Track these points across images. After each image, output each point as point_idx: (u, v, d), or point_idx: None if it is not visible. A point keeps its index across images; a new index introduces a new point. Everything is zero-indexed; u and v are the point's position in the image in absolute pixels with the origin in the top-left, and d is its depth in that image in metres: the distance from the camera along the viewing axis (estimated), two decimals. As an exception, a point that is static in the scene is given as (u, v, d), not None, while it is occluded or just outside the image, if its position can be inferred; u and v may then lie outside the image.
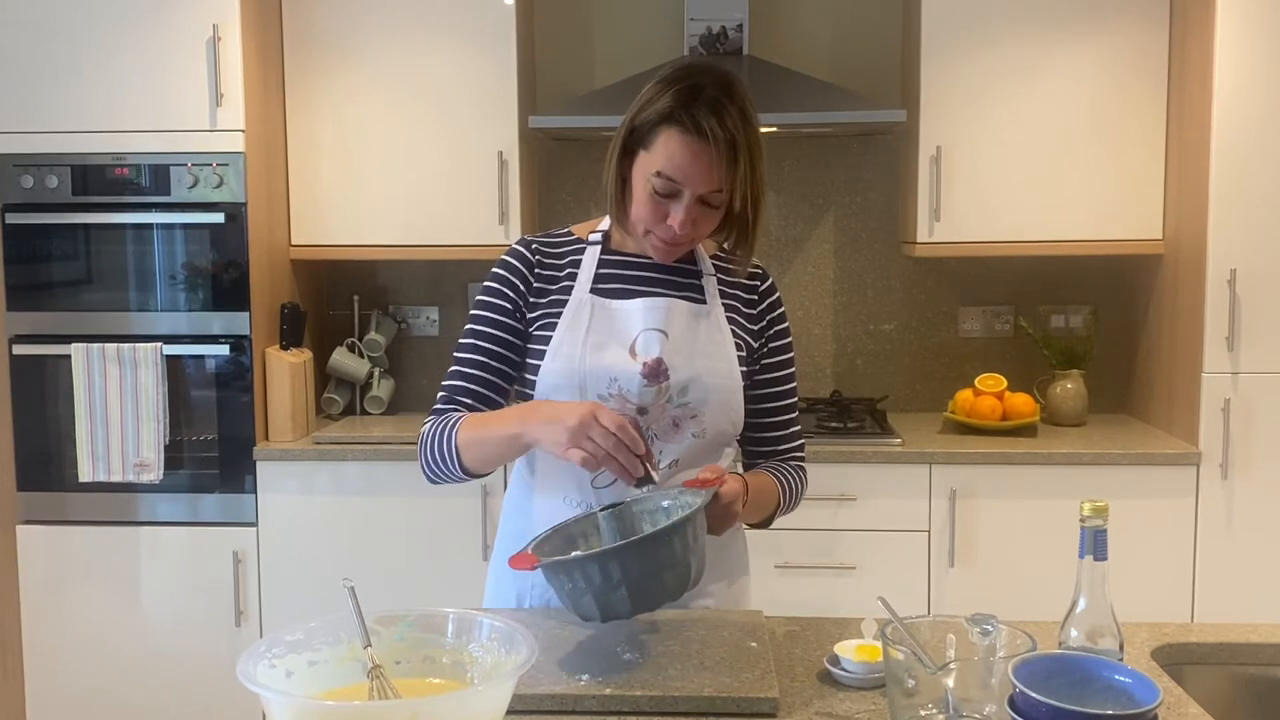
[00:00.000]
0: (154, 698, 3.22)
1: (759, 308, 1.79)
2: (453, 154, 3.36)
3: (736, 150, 1.60)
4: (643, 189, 1.64)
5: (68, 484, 3.23)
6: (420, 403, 3.74)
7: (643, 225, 1.66)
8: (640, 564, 1.38)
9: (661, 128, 1.60)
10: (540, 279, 1.72)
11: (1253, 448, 3.04)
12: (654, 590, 1.40)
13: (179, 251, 3.20)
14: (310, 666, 1.21)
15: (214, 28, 3.11)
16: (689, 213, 1.62)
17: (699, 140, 1.58)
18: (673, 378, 1.65)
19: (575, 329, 1.67)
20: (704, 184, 1.60)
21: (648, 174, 1.62)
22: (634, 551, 1.39)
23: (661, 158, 1.60)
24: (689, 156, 1.59)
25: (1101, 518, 1.26)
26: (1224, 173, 2.99)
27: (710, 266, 1.77)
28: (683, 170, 1.60)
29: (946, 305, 3.70)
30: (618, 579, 1.37)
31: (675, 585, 1.42)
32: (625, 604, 1.39)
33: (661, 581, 1.40)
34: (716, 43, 3.44)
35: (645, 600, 1.41)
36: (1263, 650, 1.59)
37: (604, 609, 1.40)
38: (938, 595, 3.12)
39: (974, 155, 3.29)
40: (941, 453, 3.10)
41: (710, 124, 1.57)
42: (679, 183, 1.61)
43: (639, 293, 1.71)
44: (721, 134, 1.58)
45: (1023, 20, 3.25)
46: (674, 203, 1.62)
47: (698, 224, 1.65)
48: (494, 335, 1.72)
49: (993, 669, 1.20)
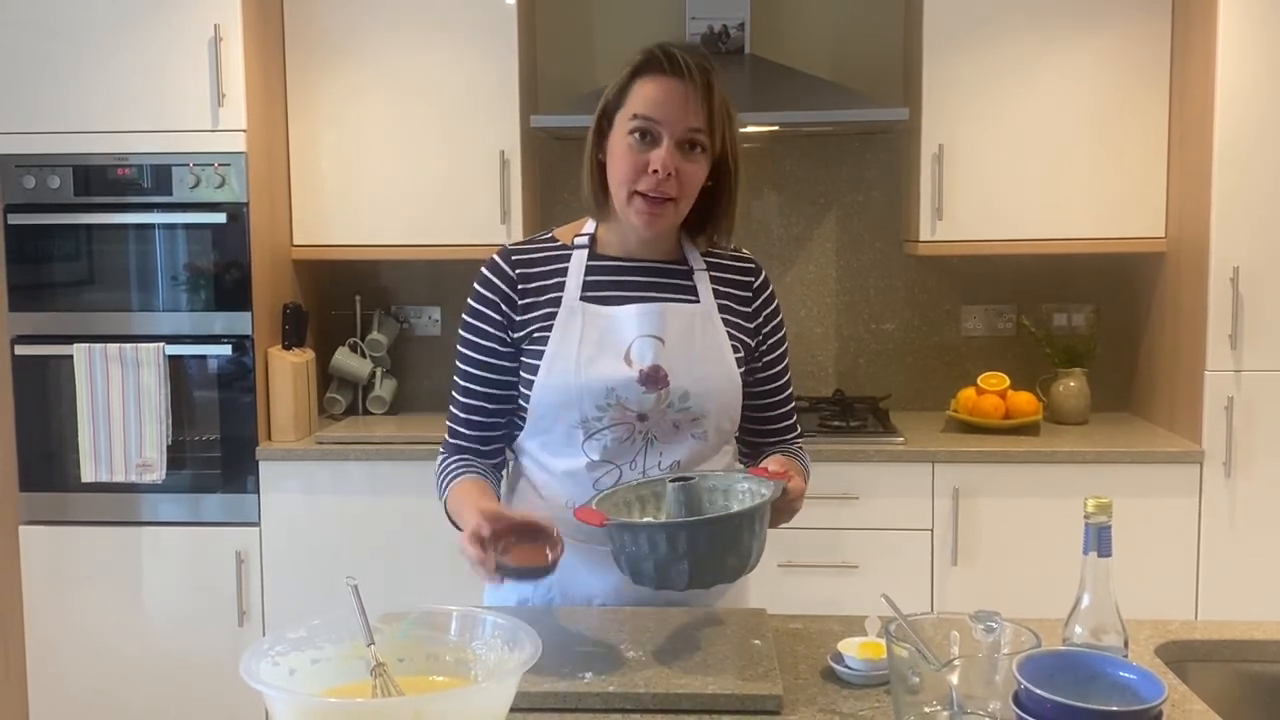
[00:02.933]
0: (157, 698, 3.22)
1: (754, 304, 1.77)
2: (454, 153, 3.36)
3: (712, 87, 1.59)
4: (621, 146, 1.61)
5: (70, 484, 3.23)
6: (423, 402, 3.74)
7: (624, 186, 1.61)
8: (709, 542, 1.40)
9: (635, 80, 1.61)
10: (525, 293, 1.69)
11: (1256, 445, 3.04)
12: (714, 569, 1.42)
13: (181, 252, 3.20)
14: (313, 664, 1.21)
15: (215, 28, 3.11)
16: (670, 154, 1.58)
17: (673, 77, 1.58)
18: (672, 383, 1.63)
19: (568, 340, 1.64)
20: (682, 120, 1.58)
21: (625, 126, 1.60)
22: (706, 529, 1.41)
23: (638, 102, 1.59)
24: (664, 92, 1.58)
25: (1105, 514, 1.26)
26: (1226, 170, 2.98)
27: (701, 263, 1.73)
28: (660, 107, 1.58)
29: (949, 304, 3.69)
30: (683, 551, 1.39)
31: (734, 568, 1.44)
32: (683, 577, 1.41)
33: (724, 562, 1.42)
34: (718, 41, 3.44)
35: (702, 577, 1.42)
36: (1267, 647, 1.59)
37: (660, 577, 1.42)
38: (941, 593, 3.12)
39: (976, 154, 3.29)
40: (944, 451, 3.10)
41: (684, 59, 1.58)
42: (657, 121, 1.58)
43: (631, 298, 1.68)
44: (696, 71, 1.58)
45: (1025, 18, 3.25)
46: (654, 150, 1.59)
47: (681, 174, 1.60)
48: (484, 362, 1.70)
49: (997, 666, 1.19)
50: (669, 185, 1.59)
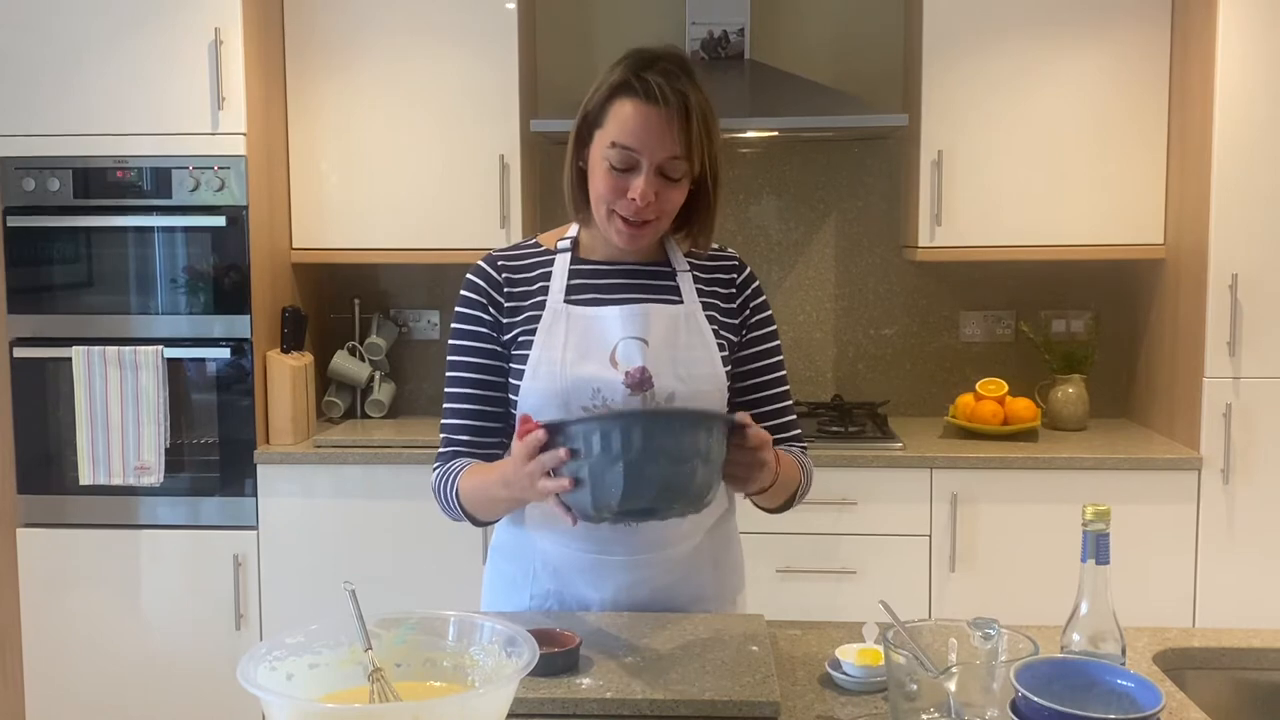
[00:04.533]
0: (154, 701, 3.22)
1: (738, 300, 1.76)
2: (454, 157, 3.36)
3: (689, 112, 1.58)
4: (600, 166, 1.61)
5: (68, 487, 3.22)
6: (421, 406, 3.74)
7: (604, 205, 1.62)
8: (644, 439, 1.34)
9: (613, 100, 1.60)
10: (511, 296, 1.69)
11: (1254, 453, 3.04)
12: (651, 476, 1.35)
13: (180, 254, 3.20)
14: (311, 669, 1.21)
15: (216, 31, 3.11)
16: (649, 184, 1.58)
17: (650, 105, 1.57)
18: (657, 384, 1.62)
19: (552, 343, 1.64)
20: (661, 149, 1.58)
21: (604, 150, 1.60)
22: (638, 422, 1.36)
23: (615, 128, 1.59)
24: (642, 122, 1.57)
25: (1103, 521, 1.26)
26: (1225, 177, 2.99)
27: (684, 263, 1.73)
28: (638, 137, 1.57)
29: (948, 309, 3.70)
30: (616, 450, 1.34)
31: (676, 484, 1.37)
32: (618, 485, 1.35)
33: (661, 470, 1.35)
34: (718, 47, 3.45)
35: (639, 487, 1.35)
36: (1265, 655, 1.59)
37: (595, 493, 1.36)
38: (939, 600, 3.11)
39: (975, 159, 3.29)
40: (943, 457, 3.10)
41: (660, 87, 1.57)
42: (635, 150, 1.58)
43: (614, 299, 1.68)
44: (673, 97, 1.57)
45: (1024, 25, 3.25)
46: (633, 176, 1.59)
47: (660, 199, 1.60)
48: (477, 364, 1.69)
49: (995, 673, 1.19)
50: (647, 211, 1.60)
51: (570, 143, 1.68)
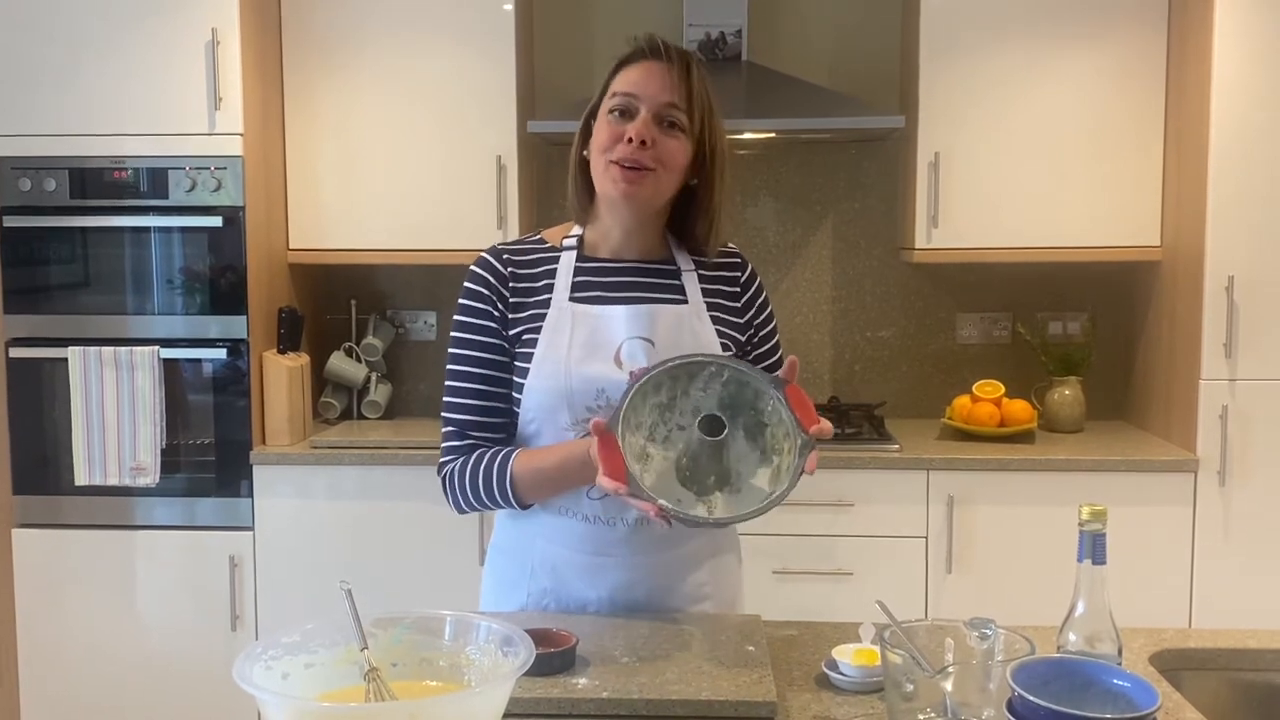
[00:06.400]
0: (149, 702, 3.21)
1: (742, 299, 1.76)
2: (451, 158, 3.36)
3: (690, 69, 1.64)
4: (602, 122, 1.65)
5: (64, 487, 3.22)
6: (418, 407, 3.74)
7: (603, 155, 1.63)
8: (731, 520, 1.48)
9: (618, 71, 1.66)
10: (516, 291, 1.68)
11: (1250, 454, 3.04)
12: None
13: (176, 255, 3.20)
14: (307, 669, 1.21)
15: (213, 31, 3.11)
16: (645, 124, 1.60)
17: (652, 59, 1.64)
18: None
19: (557, 341, 1.64)
20: (660, 94, 1.61)
21: (606, 109, 1.65)
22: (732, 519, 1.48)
23: (618, 84, 1.65)
24: (643, 72, 1.64)
25: (1100, 522, 1.26)
26: (1222, 179, 2.99)
27: (689, 262, 1.73)
28: (638, 83, 1.63)
29: (944, 311, 3.70)
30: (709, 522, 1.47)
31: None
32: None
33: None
34: (715, 48, 3.45)
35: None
36: (1260, 656, 1.59)
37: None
38: (935, 601, 3.12)
39: (972, 161, 3.29)
40: (939, 459, 3.10)
41: (665, 44, 1.65)
42: (635, 95, 1.62)
43: (620, 298, 1.67)
44: (675, 55, 1.64)
45: (1021, 26, 3.25)
46: (631, 122, 1.62)
47: (658, 146, 1.61)
48: (484, 359, 1.68)
49: (991, 673, 1.19)
50: (645, 155, 1.60)
51: (575, 138, 1.69)
